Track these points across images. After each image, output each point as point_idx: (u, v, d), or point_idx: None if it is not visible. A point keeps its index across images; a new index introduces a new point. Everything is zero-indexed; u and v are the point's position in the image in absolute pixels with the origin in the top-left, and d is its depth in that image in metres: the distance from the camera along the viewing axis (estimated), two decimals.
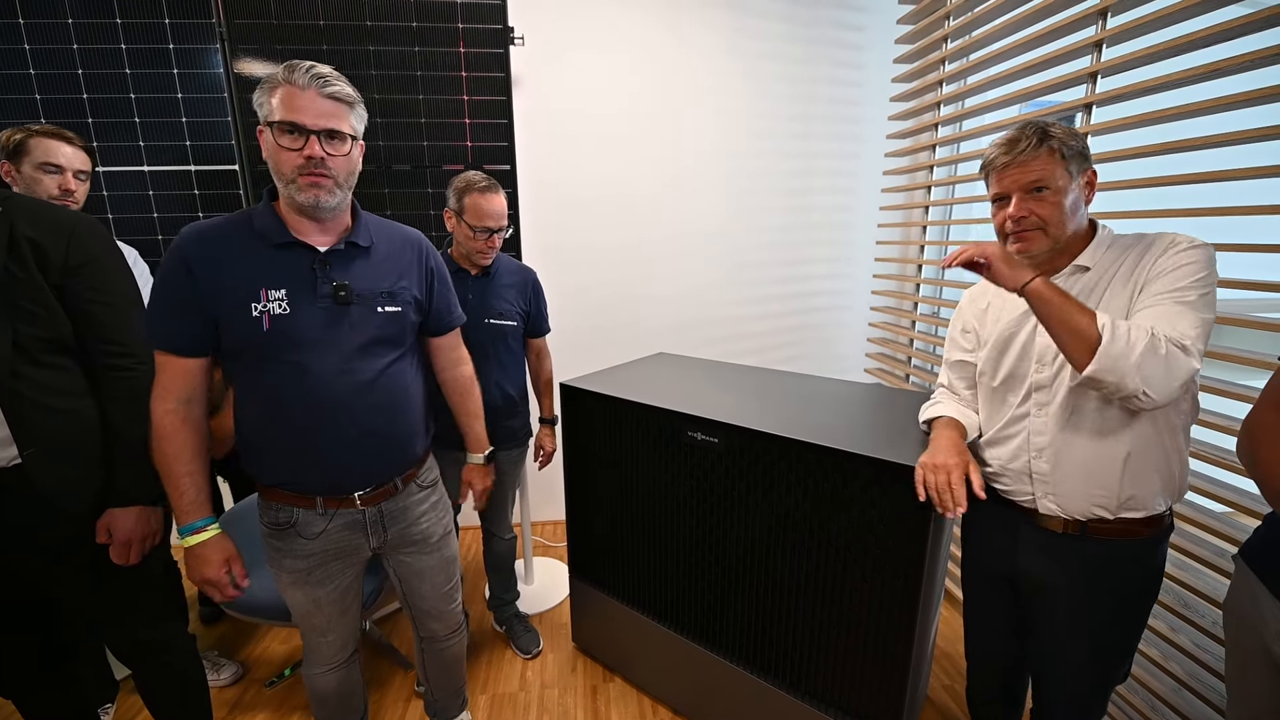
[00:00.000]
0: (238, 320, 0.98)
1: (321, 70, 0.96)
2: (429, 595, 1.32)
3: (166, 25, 2.04)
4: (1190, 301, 0.89)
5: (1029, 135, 0.96)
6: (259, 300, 0.98)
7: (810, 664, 1.33)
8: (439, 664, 1.43)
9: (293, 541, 1.12)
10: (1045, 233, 0.98)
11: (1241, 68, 1.20)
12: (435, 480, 1.32)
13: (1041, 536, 1.07)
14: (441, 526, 1.31)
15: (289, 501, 1.10)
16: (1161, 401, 0.88)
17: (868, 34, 2.50)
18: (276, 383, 1.02)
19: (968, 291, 1.24)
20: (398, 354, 1.14)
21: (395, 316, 1.11)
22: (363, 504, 1.14)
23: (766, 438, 1.27)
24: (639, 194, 2.55)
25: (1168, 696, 1.34)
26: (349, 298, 1.04)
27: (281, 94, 0.93)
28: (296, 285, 1.01)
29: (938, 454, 1.05)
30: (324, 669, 1.26)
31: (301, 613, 1.19)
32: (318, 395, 1.03)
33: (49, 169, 1.36)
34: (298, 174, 0.96)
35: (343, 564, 1.18)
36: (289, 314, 1.00)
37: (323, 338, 1.02)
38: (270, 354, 1.00)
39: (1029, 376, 1.06)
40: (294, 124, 0.94)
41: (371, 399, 1.08)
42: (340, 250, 1.06)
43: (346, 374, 1.05)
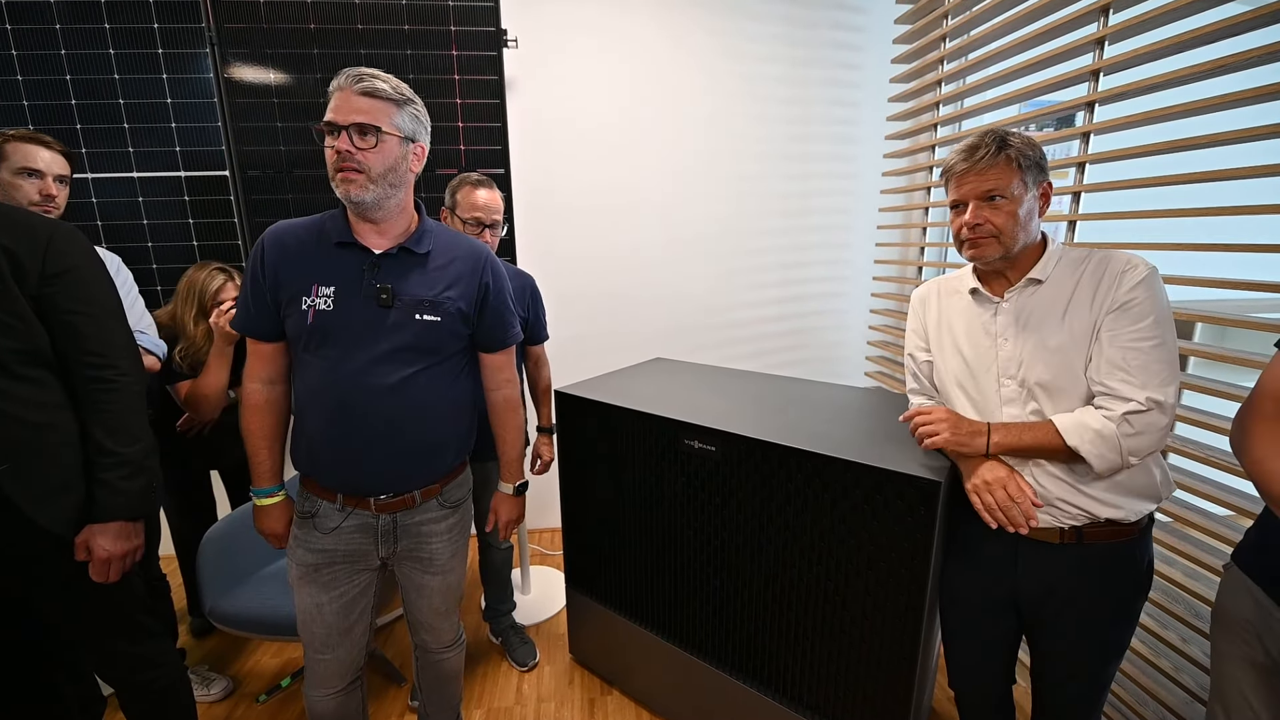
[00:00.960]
0: (291, 312, 1.06)
1: (364, 70, 1.00)
2: (425, 611, 1.30)
3: (155, 30, 2.02)
4: (1157, 343, 0.93)
5: (988, 143, 0.99)
6: (310, 294, 1.05)
7: (812, 677, 1.29)
8: (432, 676, 1.40)
9: (310, 532, 1.15)
10: (998, 241, 1.00)
11: (1244, 65, 1.17)
12: (460, 500, 1.27)
13: (1040, 550, 1.06)
14: (452, 549, 1.26)
15: (315, 492, 1.15)
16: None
17: (865, 35, 2.48)
18: (313, 374, 1.08)
19: (915, 294, 1.25)
20: (429, 363, 1.12)
21: (433, 326, 1.10)
22: (378, 510, 1.15)
23: (765, 446, 1.24)
24: (635, 198, 2.53)
25: (1180, 709, 1.31)
26: (390, 301, 1.07)
27: (331, 100, 1.00)
28: (345, 283, 1.06)
29: (980, 471, 1.03)
30: (322, 693, 1.21)
31: (304, 618, 1.18)
32: (340, 391, 1.06)
33: (28, 174, 1.33)
34: (335, 170, 1.00)
35: (350, 569, 1.18)
36: (332, 310, 1.05)
37: (358, 337, 1.06)
38: (311, 346, 1.06)
39: (998, 392, 1.07)
40: (329, 122, 0.99)
41: (389, 404, 1.09)
42: (393, 255, 1.09)
43: (369, 375, 1.07)
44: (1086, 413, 0.97)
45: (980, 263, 1.06)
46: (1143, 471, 0.99)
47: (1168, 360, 0.93)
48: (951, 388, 1.14)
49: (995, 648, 1.18)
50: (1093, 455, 0.94)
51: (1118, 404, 0.93)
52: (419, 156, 1.10)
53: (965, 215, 1.02)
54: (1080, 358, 0.98)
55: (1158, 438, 0.93)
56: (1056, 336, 1.00)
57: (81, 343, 1.05)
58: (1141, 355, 0.93)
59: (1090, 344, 0.97)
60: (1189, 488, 1.28)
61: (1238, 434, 0.92)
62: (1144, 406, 0.91)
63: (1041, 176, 1.01)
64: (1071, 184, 1.53)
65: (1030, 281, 1.03)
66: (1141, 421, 0.91)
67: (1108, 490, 0.99)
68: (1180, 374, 0.97)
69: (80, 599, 1.10)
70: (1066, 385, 1.00)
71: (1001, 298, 1.07)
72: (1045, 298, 1.02)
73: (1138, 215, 1.41)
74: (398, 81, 1.03)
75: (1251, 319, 1.21)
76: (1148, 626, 1.38)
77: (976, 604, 1.15)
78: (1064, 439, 0.96)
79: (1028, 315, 1.04)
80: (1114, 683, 1.39)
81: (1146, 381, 0.92)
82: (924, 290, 1.24)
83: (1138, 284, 0.94)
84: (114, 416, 1.07)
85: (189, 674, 1.75)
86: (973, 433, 1.03)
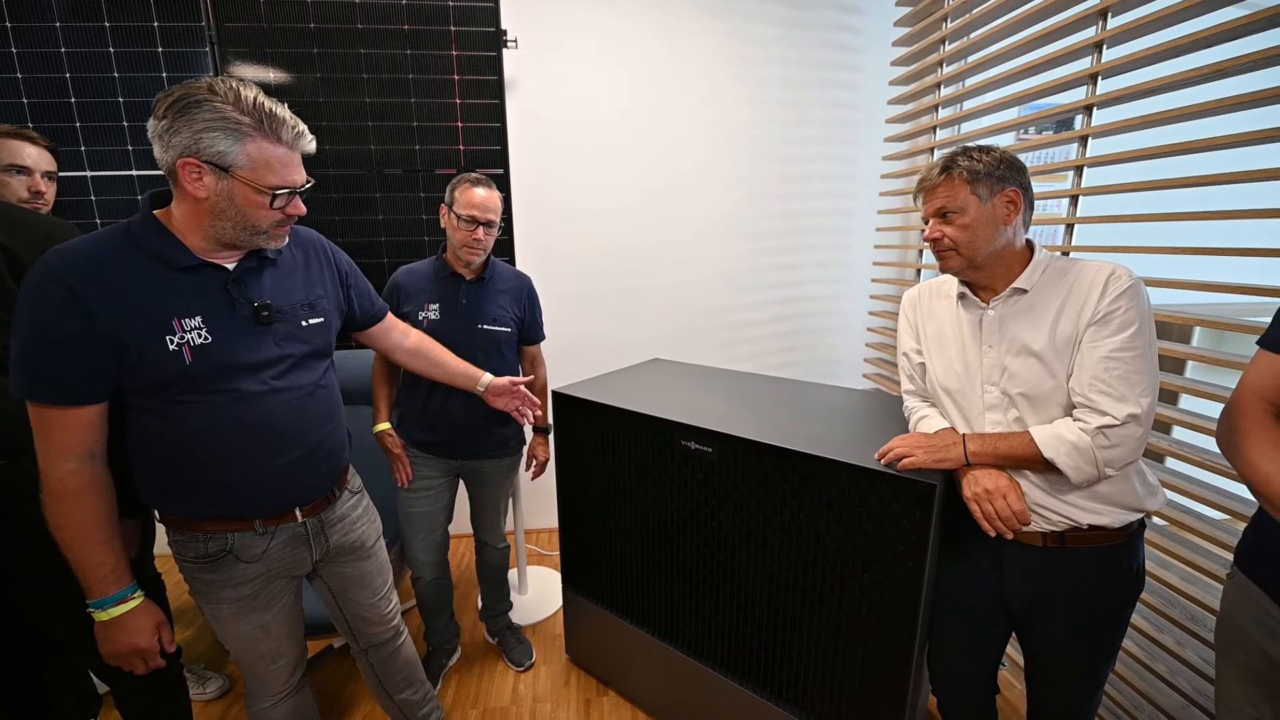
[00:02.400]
0: (151, 356, 0.88)
1: (298, 124, 0.94)
2: (367, 601, 1.28)
3: (155, 28, 2.02)
4: (1137, 354, 0.94)
5: (936, 165, 1.05)
6: (173, 332, 0.90)
7: (808, 678, 1.29)
8: (392, 671, 1.38)
9: (231, 569, 1.04)
10: (958, 253, 1.04)
11: (1244, 68, 1.17)
12: (361, 486, 1.29)
13: (1025, 554, 1.06)
14: (375, 530, 1.29)
15: (222, 529, 1.02)
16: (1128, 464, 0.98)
17: (864, 37, 2.47)
18: (205, 412, 0.94)
19: (906, 296, 1.27)
20: (326, 364, 1.13)
21: (319, 328, 1.09)
22: (304, 516, 1.11)
23: (761, 447, 1.24)
24: (634, 199, 2.53)
25: (1175, 713, 1.31)
26: (271, 316, 0.99)
27: (266, 152, 0.90)
28: (212, 310, 0.94)
29: (980, 479, 1.03)
30: (273, 700, 1.17)
31: (247, 643, 1.11)
32: (255, 418, 0.98)
33: (16, 171, 1.32)
34: (273, 227, 0.96)
35: (285, 582, 1.14)
36: (211, 342, 0.93)
37: (251, 359, 0.97)
38: (195, 386, 0.93)
39: (981, 398, 1.08)
40: (285, 186, 0.93)
41: (312, 412, 1.06)
42: (249, 266, 0.99)
43: (282, 391, 1.01)
44: (1063, 424, 0.98)
45: (949, 273, 1.11)
46: (1122, 481, 1.00)
47: (1148, 370, 0.94)
48: (938, 391, 1.16)
49: (978, 652, 1.18)
50: (1069, 467, 0.95)
51: (1095, 417, 0.94)
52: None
53: (926, 231, 1.08)
54: (1062, 368, 0.99)
55: (1133, 448, 0.94)
56: (1039, 346, 1.01)
57: None
58: (1122, 366, 0.93)
59: (1073, 355, 0.98)
60: (1185, 491, 1.27)
61: (1225, 435, 0.92)
62: (1120, 421, 0.92)
63: (1001, 185, 1.01)
64: (1070, 187, 1.53)
65: (1015, 290, 1.04)
66: (1117, 434, 0.93)
67: (1086, 498, 1.00)
68: (1160, 377, 0.98)
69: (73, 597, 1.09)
70: (1048, 394, 1.01)
71: (988, 305, 1.08)
72: (1029, 307, 1.03)
73: (1136, 219, 1.41)
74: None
75: (1249, 323, 1.21)
76: (1143, 630, 1.38)
77: (960, 606, 1.16)
78: (1040, 450, 0.97)
79: (1012, 324, 1.05)
80: (1109, 686, 1.41)
81: (1125, 394, 0.93)
82: (914, 292, 1.26)
83: (1120, 294, 0.95)
84: None
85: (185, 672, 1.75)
86: (946, 445, 1.05)
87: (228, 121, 0.85)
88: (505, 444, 1.77)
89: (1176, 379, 1.33)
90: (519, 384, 1.46)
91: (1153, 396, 0.94)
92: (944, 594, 1.17)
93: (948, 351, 1.14)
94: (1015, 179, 1.02)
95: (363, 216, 2.17)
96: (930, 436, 1.08)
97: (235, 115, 0.86)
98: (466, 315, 1.63)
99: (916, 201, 1.12)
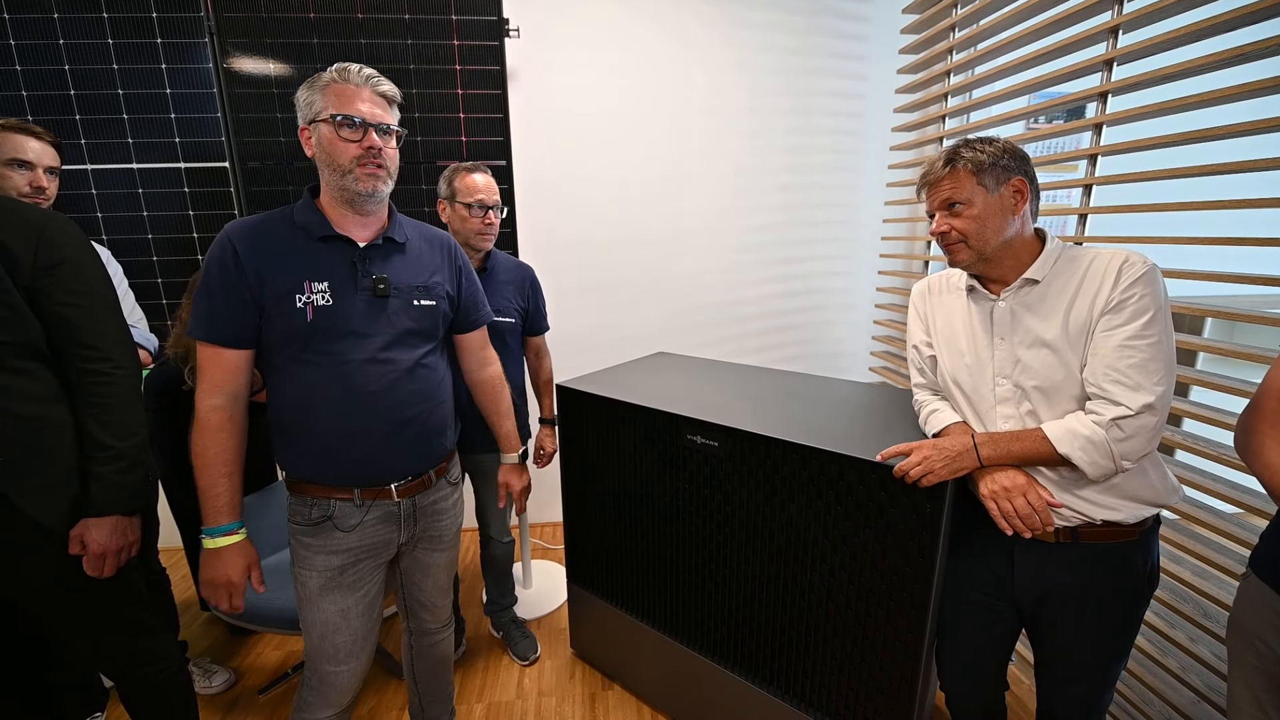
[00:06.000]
0: (281, 311, 1.01)
1: (370, 71, 1.04)
2: (430, 589, 1.33)
3: (154, 20, 2.00)
4: (1153, 342, 0.91)
5: (940, 158, 1.04)
6: (303, 292, 1.02)
7: (815, 674, 1.28)
8: (428, 662, 1.40)
9: (329, 536, 1.11)
10: (967, 245, 1.03)
11: (1263, 54, 1.14)
12: (459, 478, 1.36)
13: (1037, 550, 1.05)
14: (458, 524, 1.35)
15: (326, 494, 1.11)
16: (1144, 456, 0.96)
17: (871, 25, 2.44)
18: (317, 372, 1.04)
19: (916, 288, 1.25)
20: (431, 346, 1.18)
21: (430, 310, 1.16)
22: (399, 495, 1.16)
23: (768, 441, 1.23)
24: (638, 189, 2.50)
25: (1186, 709, 1.29)
26: (388, 290, 1.09)
27: (336, 91, 1.01)
28: (338, 278, 1.05)
29: (996, 477, 1.01)
30: (330, 712, 1.16)
31: (326, 630, 1.12)
32: (357, 383, 1.06)
33: (18, 165, 1.31)
34: (356, 164, 1.02)
35: (372, 564, 1.17)
36: (332, 305, 1.03)
37: (362, 328, 1.06)
38: (312, 344, 1.03)
39: (993, 391, 1.07)
40: (353, 117, 1.00)
41: (408, 388, 1.12)
42: (378, 245, 1.10)
43: (384, 363, 1.08)
44: (1075, 419, 0.96)
45: (959, 267, 1.09)
46: (1138, 475, 0.98)
47: (1163, 359, 0.92)
48: (949, 384, 1.15)
49: (988, 648, 1.17)
50: (1084, 462, 0.94)
51: (1109, 408, 0.92)
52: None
53: (933, 224, 1.06)
54: (1076, 358, 0.97)
55: (1148, 439, 0.92)
56: (1052, 336, 0.99)
57: (75, 335, 1.04)
58: (1137, 355, 0.91)
59: (1086, 344, 0.96)
60: (1198, 485, 1.25)
61: (1243, 436, 0.90)
62: (1135, 411, 0.90)
63: (1007, 175, 1.00)
64: (1083, 176, 1.50)
65: (1026, 281, 1.02)
66: (1132, 425, 0.91)
67: (1102, 493, 0.98)
68: (1177, 368, 0.95)
69: (75, 595, 1.09)
70: (1061, 385, 0.99)
71: (998, 297, 1.06)
72: (1042, 297, 1.01)
73: (1150, 209, 1.38)
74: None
75: (1264, 314, 1.18)
76: (1155, 626, 1.36)
77: (970, 601, 1.14)
78: (1054, 447, 0.96)
79: (1024, 315, 1.03)
80: (1120, 682, 1.39)
81: (1140, 383, 0.91)
82: (924, 284, 1.24)
83: (1135, 281, 0.92)
84: (109, 409, 1.06)
85: (191, 666, 1.75)
86: (961, 453, 1.02)
87: (315, 83, 1.02)
88: None
89: (1188, 371, 1.30)
90: (517, 492, 1.44)
91: (1168, 386, 0.92)
92: (954, 589, 1.15)
93: (958, 344, 1.12)
94: (1020, 168, 1.01)
95: None
96: (942, 443, 1.04)
97: (319, 77, 1.02)
98: None
99: (920, 196, 1.10)
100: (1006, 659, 1.20)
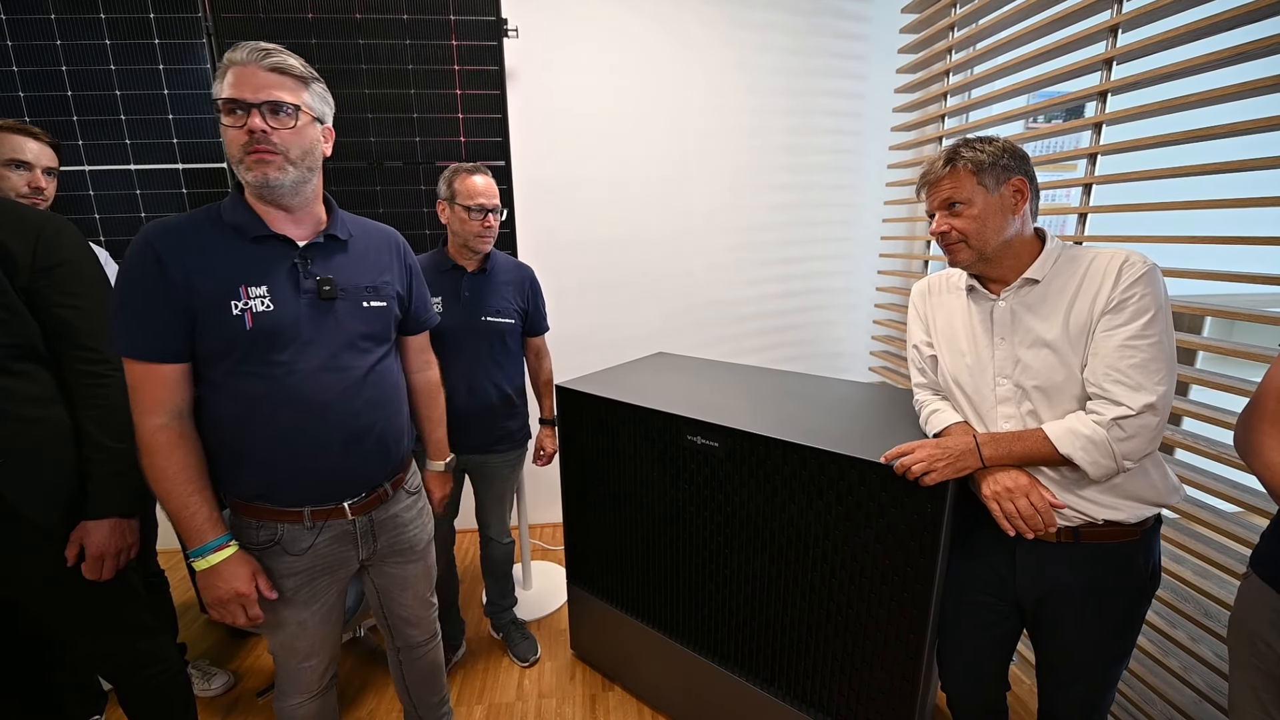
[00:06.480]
0: (216, 320, 0.92)
1: (266, 45, 0.91)
2: (410, 604, 1.28)
3: (151, 20, 2.00)
4: (1154, 342, 0.91)
5: (939, 158, 1.03)
6: (239, 298, 0.93)
7: (816, 675, 1.28)
8: (418, 673, 1.38)
9: (278, 560, 1.04)
10: (967, 244, 1.03)
11: (1263, 52, 1.14)
12: (420, 486, 1.29)
13: (1038, 550, 1.05)
14: (427, 534, 1.28)
15: (272, 517, 1.03)
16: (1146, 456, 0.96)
17: (870, 24, 2.44)
18: (259, 385, 0.96)
19: (916, 288, 1.25)
20: (385, 350, 1.11)
21: (381, 311, 1.09)
22: (353, 513, 1.09)
23: (768, 442, 1.23)
24: (638, 189, 2.50)
25: (1187, 709, 1.29)
26: (334, 292, 1.01)
27: (229, 75, 0.90)
28: (278, 281, 0.97)
29: (999, 478, 1.01)
30: (303, 698, 1.16)
31: (285, 638, 1.10)
32: (306, 394, 0.98)
33: (16, 166, 1.31)
34: (243, 152, 0.91)
35: (330, 579, 1.12)
36: (272, 311, 0.95)
37: (308, 334, 0.98)
38: (254, 355, 0.95)
39: (994, 391, 1.07)
40: (234, 99, 0.89)
41: (363, 396, 1.05)
42: (319, 244, 1.02)
43: (335, 371, 1.01)
44: (1076, 419, 0.96)
45: (959, 267, 1.09)
46: (1140, 474, 0.98)
47: (1164, 358, 0.92)
48: (949, 384, 1.15)
49: (989, 648, 1.17)
50: (1086, 462, 0.94)
51: (1110, 408, 0.92)
52: (328, 139, 1.04)
53: (933, 225, 1.06)
54: (1076, 358, 0.97)
55: (1149, 438, 0.92)
56: (1052, 336, 0.99)
57: (74, 336, 1.04)
58: (1138, 354, 0.91)
59: (1087, 344, 0.96)
60: (1198, 484, 1.25)
61: (1243, 435, 0.90)
62: (1136, 411, 0.90)
63: (1007, 174, 1.00)
64: (1082, 175, 1.50)
65: (1027, 281, 1.02)
66: (1133, 425, 0.91)
67: (1103, 492, 0.98)
68: (1178, 368, 0.95)
69: (74, 596, 1.09)
70: (1062, 385, 0.99)
71: (998, 296, 1.06)
72: (1042, 297, 1.01)
73: (1150, 208, 1.38)
74: (301, 59, 0.97)
75: (1264, 313, 1.18)
76: (1156, 625, 1.36)
77: (972, 601, 1.14)
78: (1056, 447, 0.96)
79: (1024, 315, 1.03)
80: (1122, 682, 1.39)
81: (1141, 383, 0.91)
82: (924, 284, 1.24)
83: (1135, 280, 0.92)
84: (107, 411, 1.06)
85: (189, 668, 1.75)
86: (963, 453, 1.02)
87: (220, 66, 0.91)
88: (511, 437, 1.76)
89: (1188, 370, 1.30)
90: (435, 497, 1.38)
91: (1169, 385, 0.92)
92: (955, 589, 1.15)
93: (958, 344, 1.12)
94: (1020, 168, 1.01)
95: (363, 210, 2.14)
96: (945, 443, 1.04)
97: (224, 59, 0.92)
98: (470, 308, 1.62)
99: (920, 195, 1.10)
100: (1008, 659, 1.20)
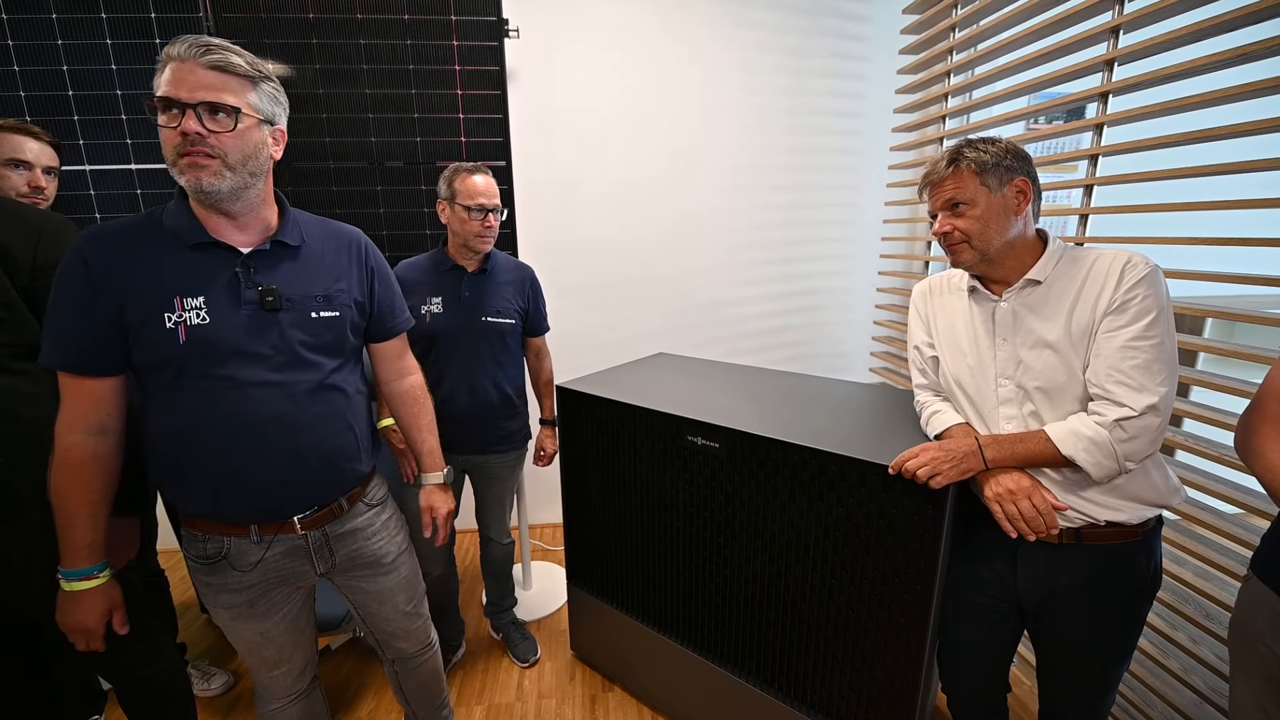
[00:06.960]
0: (149, 332, 0.87)
1: (209, 40, 0.85)
2: (392, 617, 1.22)
3: (152, 20, 2.00)
4: (1156, 343, 0.91)
5: (943, 158, 1.04)
6: (173, 309, 0.88)
7: (816, 676, 1.28)
8: (415, 681, 1.35)
9: (225, 575, 1.00)
10: (970, 245, 1.03)
11: (1264, 54, 1.14)
12: (384, 497, 1.21)
13: (1039, 551, 1.05)
14: (396, 545, 1.20)
15: (219, 531, 0.99)
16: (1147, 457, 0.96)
17: (871, 25, 2.43)
18: (197, 401, 0.91)
19: (917, 289, 1.25)
20: (338, 363, 1.04)
21: (332, 322, 1.02)
22: (304, 528, 1.04)
23: (769, 442, 1.22)
24: (638, 189, 2.50)
25: (1188, 710, 1.29)
26: (277, 303, 0.95)
27: (166, 71, 0.84)
28: (216, 291, 0.91)
29: (1001, 480, 1.01)
30: (282, 702, 1.15)
31: (249, 647, 1.08)
32: (246, 410, 0.93)
33: (15, 165, 1.31)
34: (177, 155, 0.84)
35: (288, 590, 1.08)
36: (208, 324, 0.90)
37: (249, 347, 0.93)
38: (189, 369, 0.90)
39: (995, 392, 1.07)
40: (167, 98, 0.83)
41: (310, 411, 0.99)
42: (265, 251, 0.96)
43: (278, 386, 0.95)
44: (1078, 420, 0.96)
45: (962, 268, 1.09)
46: (1141, 475, 0.98)
47: (1166, 360, 0.92)
48: (950, 385, 1.14)
49: (990, 649, 1.17)
50: (1089, 464, 0.94)
51: (1112, 409, 0.92)
52: (279, 141, 0.96)
53: (935, 225, 1.06)
54: (1079, 359, 0.97)
55: (1151, 440, 0.92)
56: (1054, 337, 0.99)
57: None
58: (1140, 356, 0.91)
59: (1089, 345, 0.96)
60: (1199, 486, 1.25)
61: (1244, 437, 0.90)
62: (1138, 412, 0.90)
63: (1010, 175, 1.00)
64: (1083, 177, 1.50)
65: (1029, 282, 1.02)
66: (1135, 426, 0.91)
67: (1105, 494, 0.98)
68: (1179, 369, 0.95)
69: None
70: (1065, 387, 0.99)
71: (1000, 297, 1.06)
72: (1044, 298, 1.01)
73: (1151, 209, 1.38)
74: (251, 55, 0.89)
75: (1265, 314, 1.18)
76: (1156, 627, 1.36)
77: (972, 603, 1.14)
78: (1058, 449, 0.96)
79: (1026, 316, 1.03)
80: (1122, 683, 1.38)
81: (1144, 384, 0.91)
82: (925, 284, 1.24)
83: (1137, 282, 0.92)
84: None
85: (189, 668, 1.75)
86: (966, 455, 1.02)
87: (160, 62, 0.85)
88: (511, 438, 1.76)
89: (1189, 371, 1.30)
90: (441, 515, 1.28)
91: (1171, 386, 0.92)
92: (956, 591, 1.15)
93: (959, 345, 1.12)
94: (1023, 169, 1.01)
95: (363, 210, 2.15)
96: (948, 445, 1.04)
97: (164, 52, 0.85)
98: (470, 308, 1.62)
99: (922, 196, 1.10)
100: (1008, 660, 1.20)
